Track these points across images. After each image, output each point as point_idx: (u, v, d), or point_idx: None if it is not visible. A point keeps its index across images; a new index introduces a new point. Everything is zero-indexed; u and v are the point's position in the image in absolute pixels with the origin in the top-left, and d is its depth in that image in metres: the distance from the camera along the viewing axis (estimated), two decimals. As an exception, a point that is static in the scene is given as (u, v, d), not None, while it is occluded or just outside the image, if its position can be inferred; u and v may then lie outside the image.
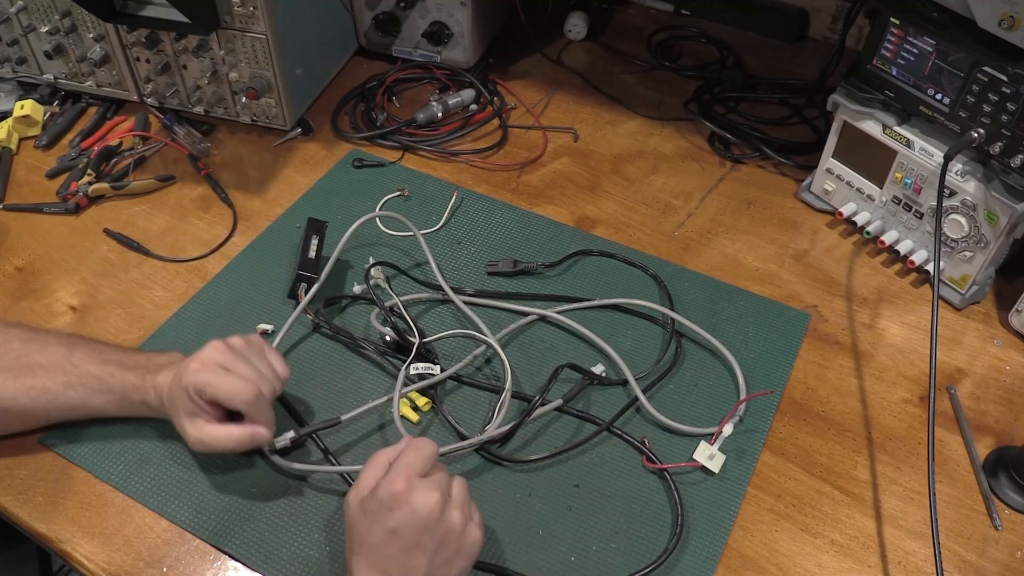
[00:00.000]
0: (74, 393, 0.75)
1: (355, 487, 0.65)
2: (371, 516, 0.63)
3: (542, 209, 1.05)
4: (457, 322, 0.91)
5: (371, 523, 0.63)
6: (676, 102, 1.21)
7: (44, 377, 0.75)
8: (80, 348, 0.77)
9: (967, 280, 0.92)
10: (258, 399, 0.72)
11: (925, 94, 0.89)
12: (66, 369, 0.75)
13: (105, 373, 0.76)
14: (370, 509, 0.63)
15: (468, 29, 1.19)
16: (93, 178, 1.05)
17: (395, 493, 0.62)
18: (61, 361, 0.75)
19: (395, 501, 0.62)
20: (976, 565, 0.72)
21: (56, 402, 0.75)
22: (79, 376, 0.75)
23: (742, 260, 0.98)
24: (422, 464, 0.65)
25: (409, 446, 0.66)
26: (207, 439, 0.72)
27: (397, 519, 0.62)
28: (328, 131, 1.15)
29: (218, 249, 0.99)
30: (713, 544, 0.73)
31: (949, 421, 0.83)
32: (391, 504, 0.62)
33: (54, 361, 0.75)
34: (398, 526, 0.62)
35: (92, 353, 0.77)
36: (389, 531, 0.62)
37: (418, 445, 0.66)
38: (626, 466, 0.78)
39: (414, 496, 0.62)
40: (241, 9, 1.01)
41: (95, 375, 0.75)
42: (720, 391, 0.84)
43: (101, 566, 0.71)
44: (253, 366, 0.74)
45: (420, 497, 0.62)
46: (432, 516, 0.62)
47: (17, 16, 1.09)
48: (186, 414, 0.72)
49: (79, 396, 0.75)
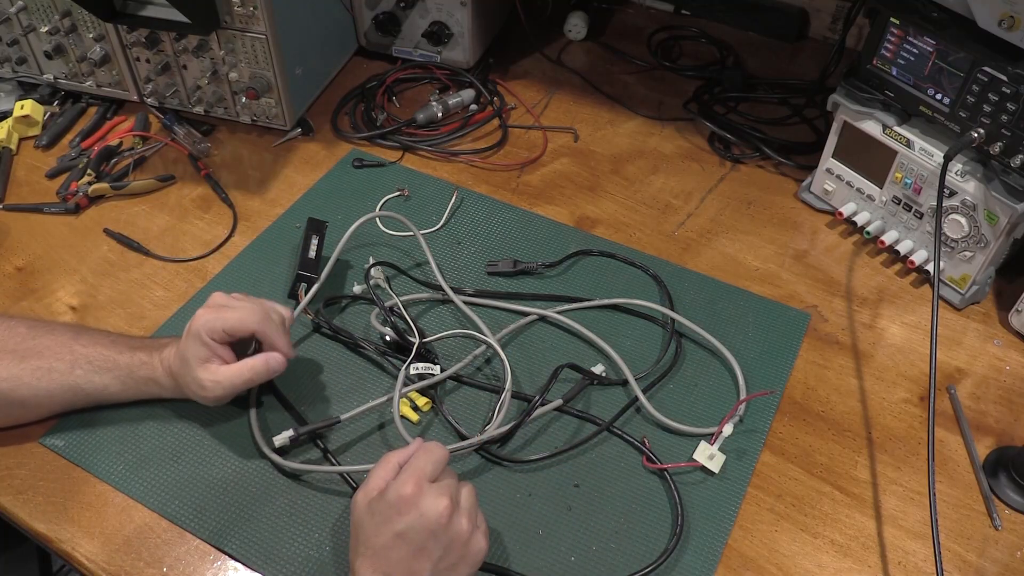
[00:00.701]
0: (80, 371, 0.76)
1: (364, 487, 0.65)
2: (379, 518, 0.63)
3: (542, 209, 1.05)
4: (457, 322, 0.91)
5: (379, 525, 0.62)
6: (676, 102, 1.21)
7: (50, 357, 0.76)
8: (87, 332, 0.79)
9: (967, 280, 0.92)
10: (268, 320, 0.75)
11: (925, 94, 0.89)
12: (72, 349, 0.76)
13: (112, 351, 0.77)
14: (378, 511, 0.63)
15: (468, 29, 1.19)
16: (93, 178, 1.05)
17: (405, 496, 0.62)
18: (68, 342, 0.77)
19: (404, 504, 0.62)
20: (976, 565, 0.72)
21: (61, 381, 0.76)
22: (85, 354, 0.76)
23: (742, 260, 0.98)
24: (433, 468, 0.64)
25: (421, 449, 0.66)
26: (223, 379, 0.73)
27: (405, 522, 0.61)
28: (328, 131, 1.15)
29: (218, 249, 0.99)
30: (713, 544, 0.73)
31: (949, 421, 0.83)
32: (400, 507, 0.62)
33: (60, 342, 0.77)
34: (406, 530, 0.61)
35: (99, 336, 0.79)
36: (396, 534, 0.62)
37: (430, 449, 0.66)
38: (626, 466, 0.78)
39: (423, 500, 0.62)
40: (241, 9, 1.01)
41: (102, 353, 0.77)
42: (720, 391, 0.84)
43: (101, 566, 0.71)
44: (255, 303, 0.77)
45: (429, 502, 0.62)
46: (440, 522, 0.61)
47: (17, 16, 1.09)
48: (199, 362, 0.73)
49: (85, 374, 0.76)
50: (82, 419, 0.80)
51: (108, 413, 0.80)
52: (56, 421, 0.80)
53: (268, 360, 0.75)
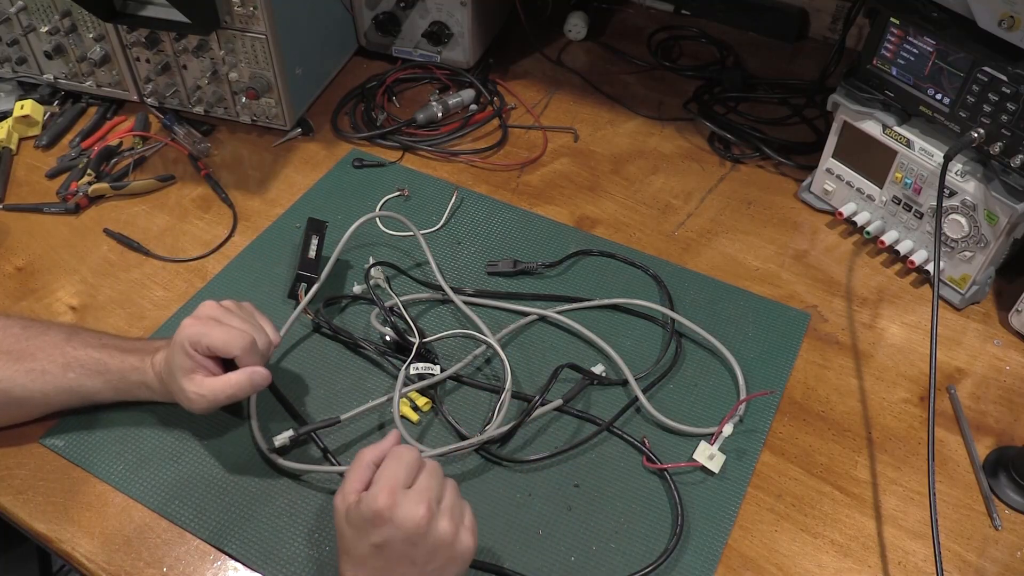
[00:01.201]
0: (73, 375, 0.76)
1: (341, 490, 0.63)
2: (355, 529, 0.61)
3: (542, 209, 1.05)
4: (457, 322, 0.91)
5: (356, 536, 0.61)
6: (676, 102, 1.21)
7: (43, 359, 0.75)
8: (80, 334, 0.78)
9: (967, 280, 0.92)
10: (253, 347, 0.73)
11: (925, 94, 0.89)
12: (65, 351, 0.76)
13: (104, 355, 0.77)
14: (354, 522, 0.61)
15: (468, 29, 1.19)
16: (93, 178, 1.05)
17: (377, 511, 0.60)
18: (61, 344, 0.76)
19: (378, 518, 0.60)
20: (976, 565, 0.72)
21: (56, 383, 0.76)
22: (78, 358, 0.76)
23: (742, 260, 0.98)
24: (406, 474, 0.62)
25: (391, 456, 0.63)
26: (207, 392, 0.72)
27: (381, 535, 0.60)
28: (328, 131, 1.15)
29: (218, 249, 0.99)
30: (713, 544, 0.73)
31: (949, 421, 0.83)
32: (374, 520, 0.60)
33: (54, 344, 0.76)
34: (383, 542, 0.60)
35: (91, 338, 0.78)
36: (374, 546, 0.60)
37: (399, 455, 0.63)
38: (626, 466, 0.78)
39: (398, 512, 0.60)
40: (241, 9, 1.01)
41: (94, 357, 0.76)
42: (720, 391, 0.84)
43: (101, 566, 0.71)
44: (245, 321, 0.76)
45: (404, 512, 0.60)
46: (419, 530, 0.60)
47: (17, 16, 1.09)
48: (183, 373, 0.72)
49: (77, 377, 0.76)
50: (82, 419, 0.80)
51: (108, 413, 0.80)
52: (56, 421, 0.80)
53: (252, 376, 0.73)
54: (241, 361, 0.73)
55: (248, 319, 0.77)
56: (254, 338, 0.74)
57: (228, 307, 0.76)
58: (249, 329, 0.74)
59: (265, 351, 0.76)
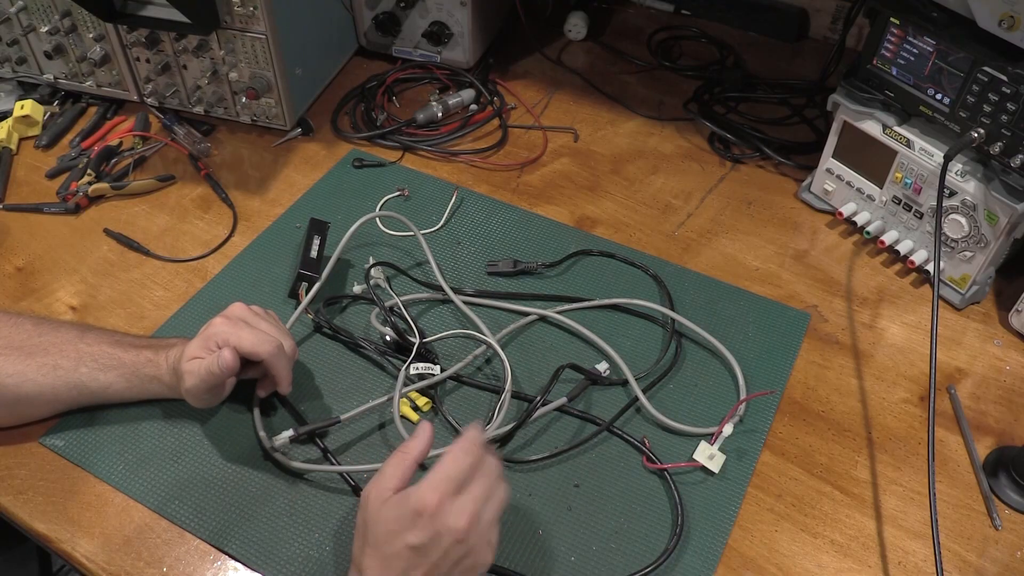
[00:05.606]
0: (85, 369, 0.76)
1: (376, 483, 0.61)
2: (392, 524, 0.59)
3: (542, 209, 1.05)
4: (457, 322, 0.91)
5: (391, 531, 0.59)
6: (676, 102, 1.21)
7: (56, 354, 0.76)
8: (92, 331, 0.79)
9: (967, 280, 0.92)
10: (280, 351, 0.75)
11: (925, 94, 0.89)
12: (78, 346, 0.77)
13: (118, 350, 0.78)
14: (393, 516, 0.59)
15: (468, 29, 1.19)
16: (93, 178, 1.05)
17: (427, 507, 0.57)
18: (74, 339, 0.77)
19: (424, 517, 0.57)
20: (976, 565, 0.72)
21: (67, 378, 0.76)
22: (91, 352, 0.77)
23: (742, 260, 0.98)
24: (465, 476, 0.60)
25: (457, 450, 0.60)
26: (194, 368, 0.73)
27: (420, 537, 0.58)
28: (328, 131, 1.15)
29: (218, 249, 0.99)
30: (713, 544, 0.73)
31: (949, 421, 0.83)
32: (418, 519, 0.58)
33: (66, 339, 0.77)
34: (420, 545, 0.58)
35: (104, 335, 0.79)
36: (410, 547, 0.58)
37: (466, 451, 0.60)
38: (626, 466, 0.78)
39: (446, 518, 0.58)
40: (241, 9, 1.01)
41: (107, 352, 0.77)
42: (720, 391, 0.84)
43: (101, 566, 0.71)
44: (273, 326, 0.78)
45: (451, 519, 0.58)
46: (456, 538, 0.58)
47: (17, 16, 1.09)
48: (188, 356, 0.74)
49: (90, 372, 0.76)
50: (82, 419, 0.80)
51: (108, 413, 0.80)
52: (56, 421, 0.80)
53: (218, 357, 0.72)
54: (268, 364, 0.76)
55: (276, 324, 0.79)
56: (281, 343, 0.76)
57: (256, 311, 0.79)
58: (276, 334, 0.77)
59: (291, 356, 0.78)
